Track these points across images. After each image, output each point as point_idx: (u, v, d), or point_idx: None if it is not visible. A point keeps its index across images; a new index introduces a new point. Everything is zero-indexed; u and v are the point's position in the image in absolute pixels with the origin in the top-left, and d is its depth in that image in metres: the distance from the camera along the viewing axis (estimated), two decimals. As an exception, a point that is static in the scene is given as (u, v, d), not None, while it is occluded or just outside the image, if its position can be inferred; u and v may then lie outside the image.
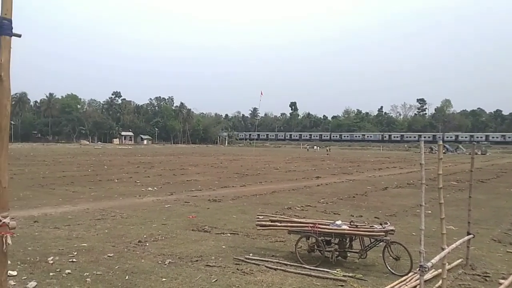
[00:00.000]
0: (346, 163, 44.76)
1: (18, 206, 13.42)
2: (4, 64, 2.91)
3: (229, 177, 26.72)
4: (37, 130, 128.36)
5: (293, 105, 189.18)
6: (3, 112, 2.93)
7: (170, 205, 14.91)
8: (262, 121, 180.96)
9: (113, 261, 7.99)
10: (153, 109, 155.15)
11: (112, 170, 29.54)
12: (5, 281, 3.01)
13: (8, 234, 2.89)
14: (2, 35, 2.91)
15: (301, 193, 19.33)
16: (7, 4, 2.93)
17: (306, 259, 8.29)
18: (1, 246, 2.91)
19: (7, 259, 2.98)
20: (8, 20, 2.92)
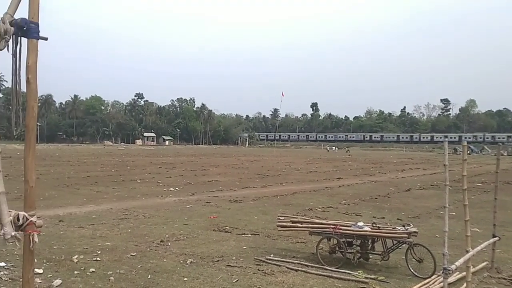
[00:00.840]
0: (368, 164, 44.30)
1: (44, 205, 13.71)
2: (31, 67, 2.99)
3: (250, 177, 26.76)
4: (62, 131, 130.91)
5: (314, 106, 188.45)
6: (31, 113, 3.01)
7: (191, 206, 15.02)
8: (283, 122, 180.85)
9: (136, 260, 8.10)
10: (174, 110, 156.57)
11: (135, 171, 29.92)
12: (32, 278, 3.09)
13: (35, 232, 2.97)
14: (29, 38, 2.99)
15: (322, 194, 19.22)
16: (34, 8, 3.00)
17: (328, 261, 8.24)
18: (28, 244, 2.99)
19: (34, 257, 3.05)
20: (35, 23, 2.99)
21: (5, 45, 2.97)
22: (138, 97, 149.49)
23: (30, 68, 2.99)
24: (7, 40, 2.96)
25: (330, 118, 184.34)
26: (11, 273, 7.05)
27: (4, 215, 2.88)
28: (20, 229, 2.94)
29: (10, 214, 2.91)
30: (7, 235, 2.85)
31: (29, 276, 3.05)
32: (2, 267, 7.36)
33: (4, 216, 2.88)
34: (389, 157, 64.58)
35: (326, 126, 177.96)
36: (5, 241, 2.88)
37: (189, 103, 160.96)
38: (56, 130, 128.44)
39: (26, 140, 3.02)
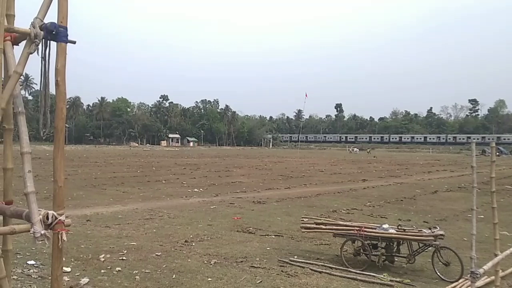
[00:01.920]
0: (393, 166, 43.69)
1: (72, 205, 14.01)
2: (60, 70, 3.06)
3: (273, 179, 26.74)
4: (89, 133, 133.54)
5: (338, 107, 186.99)
6: (60, 115, 3.08)
7: (215, 206, 15.11)
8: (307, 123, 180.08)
9: (161, 260, 8.20)
10: (199, 112, 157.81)
11: (160, 171, 30.29)
12: (61, 276, 3.16)
13: (63, 231, 3.03)
14: (58, 42, 3.06)
15: (346, 196, 19.05)
16: (62, 12, 3.08)
17: (352, 263, 8.17)
18: (56, 243, 3.06)
19: (62, 255, 3.12)
20: (64, 27, 3.06)
21: (35, 49, 3.05)
22: (163, 99, 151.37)
23: (59, 71, 3.06)
24: (37, 44, 3.04)
25: (354, 119, 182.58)
26: (40, 271, 7.24)
27: (34, 214, 2.96)
28: (49, 227, 3.01)
29: (40, 213, 2.98)
30: (37, 234, 2.92)
31: (57, 274, 3.12)
32: (32, 265, 7.55)
33: (34, 215, 2.96)
34: (415, 159, 63.54)
35: (351, 127, 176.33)
36: (35, 239, 2.96)
37: (213, 104, 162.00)
38: (84, 132, 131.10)
39: (55, 141, 3.09)
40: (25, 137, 3.07)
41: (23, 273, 7.05)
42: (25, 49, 3.04)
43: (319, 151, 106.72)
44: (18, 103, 3.17)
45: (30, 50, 3.02)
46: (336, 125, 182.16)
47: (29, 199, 3.00)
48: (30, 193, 3.00)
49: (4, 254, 3.31)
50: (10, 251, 3.52)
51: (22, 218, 3.09)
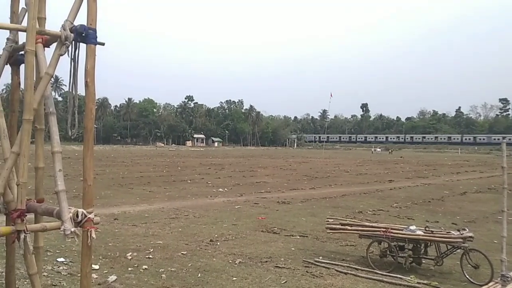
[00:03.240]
0: (421, 167, 42.91)
1: (100, 204, 14.28)
2: (90, 71, 3.14)
3: (298, 179, 26.64)
4: (117, 133, 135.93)
5: (364, 107, 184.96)
6: (89, 115, 3.16)
7: (240, 206, 15.15)
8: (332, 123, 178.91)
9: (186, 258, 8.27)
10: (223, 112, 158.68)
11: (185, 171, 30.57)
12: (90, 272, 3.23)
13: (92, 229, 3.11)
14: (88, 43, 3.13)
15: (372, 196, 18.82)
16: (92, 15, 3.15)
17: (378, 264, 8.07)
18: (86, 240, 3.13)
19: (91, 253, 3.20)
20: (93, 29, 3.14)
21: (66, 51, 3.13)
22: (189, 99, 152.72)
23: (89, 72, 3.13)
24: (67, 46, 3.12)
25: (381, 119, 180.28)
26: (69, 268, 7.40)
27: (65, 212, 3.04)
28: (79, 225, 3.09)
29: (70, 211, 3.06)
30: (67, 231, 3.00)
31: (87, 271, 3.19)
32: (62, 262, 7.73)
33: (65, 212, 3.04)
34: (443, 159, 62.27)
35: (377, 127, 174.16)
36: (65, 236, 3.04)
37: (238, 105, 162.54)
38: (111, 132, 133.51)
39: (85, 141, 3.17)
40: (56, 137, 3.16)
41: (53, 270, 7.21)
42: (56, 51, 3.13)
43: (344, 152, 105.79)
44: (49, 104, 3.26)
45: (61, 52, 3.10)
46: (362, 125, 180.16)
47: (60, 197, 3.09)
48: (60, 192, 3.09)
49: (35, 251, 3.40)
50: (41, 248, 3.63)
51: (53, 216, 3.18)
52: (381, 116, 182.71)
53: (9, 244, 3.61)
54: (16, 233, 2.94)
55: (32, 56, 2.97)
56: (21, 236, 2.93)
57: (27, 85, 2.95)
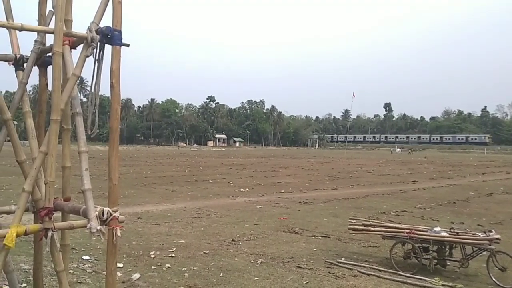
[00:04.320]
0: (445, 167, 42.13)
1: (124, 203, 14.48)
2: (115, 72, 3.18)
3: (320, 179, 26.50)
4: (140, 133, 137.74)
5: (387, 106, 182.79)
6: (114, 115, 3.21)
7: (261, 206, 15.15)
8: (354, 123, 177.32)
9: (209, 258, 8.32)
10: (245, 112, 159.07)
11: (207, 171, 30.75)
12: (115, 270, 3.28)
13: (117, 227, 3.15)
14: (113, 45, 3.18)
15: (396, 197, 18.57)
16: (117, 17, 3.20)
17: (402, 266, 7.95)
18: (111, 238, 3.18)
19: (116, 250, 3.24)
20: (118, 31, 3.18)
21: (92, 52, 3.19)
22: (210, 100, 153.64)
23: (114, 73, 3.18)
24: (93, 47, 3.17)
25: (404, 119, 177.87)
26: (94, 266, 7.53)
27: (91, 210, 3.09)
28: (105, 223, 3.14)
29: (96, 210, 3.12)
30: (93, 229, 3.06)
31: (112, 268, 3.25)
32: (87, 260, 7.87)
33: (91, 211, 3.09)
34: (469, 160, 60.99)
35: (400, 127, 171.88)
36: (91, 234, 3.09)
37: (259, 105, 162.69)
38: (135, 132, 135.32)
39: (110, 141, 3.22)
40: (82, 137, 3.22)
41: (78, 267, 7.35)
42: (82, 53, 3.19)
43: (367, 152, 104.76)
44: (75, 104, 3.32)
45: (87, 53, 3.16)
46: (384, 125, 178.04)
47: (86, 196, 3.14)
48: (87, 190, 3.15)
49: (62, 248, 3.47)
50: (67, 245, 3.71)
51: (79, 214, 3.24)
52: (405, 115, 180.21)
53: (37, 241, 3.69)
54: (44, 230, 3.00)
55: (59, 58, 3.04)
56: (49, 234, 3.00)
57: (55, 86, 3.01)
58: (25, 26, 3.07)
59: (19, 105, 3.54)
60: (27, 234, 3.01)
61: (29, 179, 3.03)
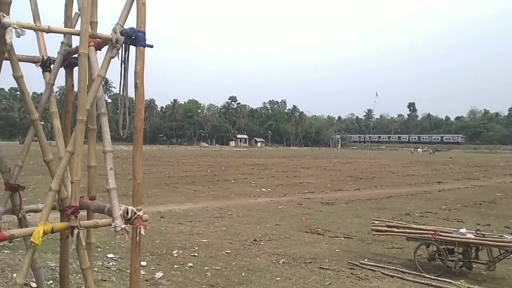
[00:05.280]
0: (471, 168, 41.27)
1: (147, 202, 14.65)
2: (139, 73, 3.22)
3: (342, 180, 26.30)
4: (163, 133, 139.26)
5: (411, 106, 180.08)
6: (138, 115, 3.24)
7: (283, 206, 15.13)
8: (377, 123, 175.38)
9: (231, 257, 8.35)
10: (266, 113, 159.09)
11: (229, 171, 30.87)
12: (139, 268, 3.32)
13: (141, 226, 3.19)
14: (137, 46, 3.22)
15: (420, 198, 18.29)
16: (141, 18, 3.23)
17: (426, 268, 7.82)
18: (135, 237, 3.22)
19: (140, 249, 3.28)
20: (142, 32, 3.22)
21: (116, 53, 3.23)
22: (232, 100, 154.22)
23: (138, 74, 3.21)
24: (118, 48, 3.22)
25: (429, 119, 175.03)
26: (118, 264, 7.64)
27: (115, 209, 3.13)
28: (129, 222, 3.18)
29: (120, 208, 3.16)
30: (117, 228, 3.09)
31: (136, 267, 3.28)
32: (111, 258, 7.99)
33: (115, 210, 3.13)
34: (495, 160, 59.57)
35: (425, 127, 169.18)
36: (115, 233, 3.13)
37: (281, 105, 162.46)
38: (158, 133, 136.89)
39: (134, 141, 3.25)
40: (107, 137, 3.26)
41: (103, 265, 7.47)
42: (107, 54, 3.23)
43: (390, 152, 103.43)
44: (101, 105, 3.37)
45: (112, 54, 3.20)
46: (408, 125, 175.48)
47: (111, 195, 3.19)
48: (111, 189, 3.19)
49: (87, 246, 3.53)
50: (92, 243, 3.76)
51: (104, 213, 3.29)
52: (429, 115, 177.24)
53: (63, 239, 3.76)
54: (70, 229, 3.06)
55: (85, 59, 3.09)
56: (75, 232, 3.05)
57: (81, 87, 3.06)
58: (52, 28, 3.13)
59: (46, 105, 3.62)
60: (54, 232, 3.06)
61: (56, 178, 3.09)
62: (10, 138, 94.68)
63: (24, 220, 3.53)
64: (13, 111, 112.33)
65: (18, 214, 3.51)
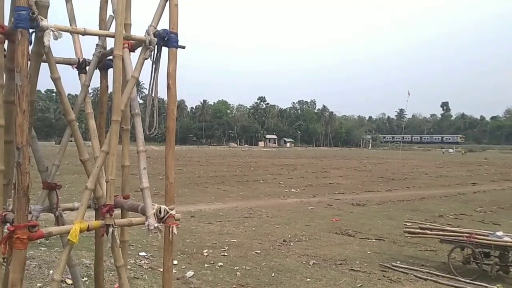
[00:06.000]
0: (507, 169, 39.92)
1: (178, 202, 14.61)
2: (172, 73, 3.26)
3: (373, 181, 25.92)
4: (192, 134, 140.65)
5: (444, 105, 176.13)
6: (171, 116, 3.29)
7: (313, 207, 15.03)
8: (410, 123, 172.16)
9: (260, 257, 8.35)
10: (295, 113, 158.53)
11: (258, 171, 30.90)
12: (171, 267, 3.36)
13: (174, 225, 3.23)
14: (170, 47, 3.26)
15: (454, 200, 17.84)
16: (173, 20, 3.27)
17: (461, 271, 7.62)
18: (168, 236, 3.26)
19: (173, 248, 3.32)
20: (175, 33, 3.26)
21: (150, 55, 3.28)
22: (261, 100, 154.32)
23: (171, 75, 3.26)
24: (151, 50, 3.27)
25: (463, 119, 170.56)
26: (150, 262, 7.76)
27: (149, 208, 3.18)
28: (162, 221, 3.23)
29: (153, 207, 3.20)
30: (151, 226, 3.14)
31: (168, 265, 3.32)
32: (143, 256, 8.13)
33: (149, 208, 3.18)
34: (534, 161, 57.43)
35: (459, 127, 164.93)
36: (148, 231, 3.18)
37: (310, 105, 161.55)
38: (188, 133, 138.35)
39: (167, 141, 3.30)
40: (141, 137, 3.32)
41: (135, 263, 7.60)
42: (140, 55, 3.29)
43: (422, 153, 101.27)
44: (134, 106, 3.44)
45: (145, 56, 3.25)
46: (442, 124, 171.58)
47: (144, 194, 3.24)
48: (145, 189, 3.24)
49: (121, 244, 3.59)
50: (126, 242, 3.83)
51: (137, 212, 3.34)
52: (463, 115, 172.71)
53: (98, 237, 3.85)
54: (105, 227, 3.12)
55: (120, 61, 3.15)
56: (110, 230, 3.11)
57: (116, 88, 3.12)
58: (88, 31, 3.20)
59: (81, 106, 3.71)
60: (90, 230, 3.13)
61: (92, 177, 3.16)
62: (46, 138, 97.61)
63: (61, 218, 3.63)
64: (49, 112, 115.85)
65: (55, 212, 3.61)
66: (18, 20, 2.69)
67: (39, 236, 2.84)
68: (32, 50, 3.06)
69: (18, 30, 2.70)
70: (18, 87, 2.66)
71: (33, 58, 3.10)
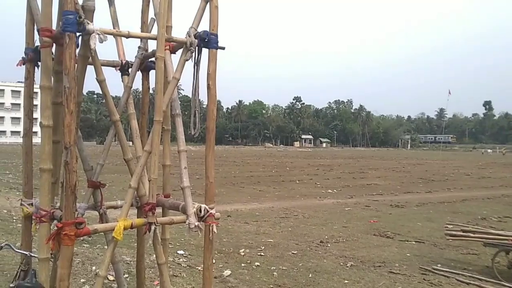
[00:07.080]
0: (556, 171, 38.14)
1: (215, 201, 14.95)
2: (212, 74, 3.31)
3: (412, 182, 25.33)
4: (228, 134, 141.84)
5: (487, 104, 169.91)
6: (211, 116, 3.33)
7: (350, 208, 14.85)
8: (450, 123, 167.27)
9: (297, 258, 8.32)
10: (331, 113, 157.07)
11: (294, 172, 30.79)
12: (211, 265, 3.41)
13: (214, 223, 3.27)
14: (210, 48, 3.31)
15: (498, 202, 17.19)
16: (213, 21, 3.32)
17: (506, 276, 7.33)
18: (208, 234, 3.31)
19: (213, 246, 3.37)
20: (215, 35, 3.30)
21: (191, 56, 3.34)
22: (296, 100, 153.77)
23: (211, 76, 3.31)
24: (192, 51, 3.32)
25: (506, 118, 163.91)
26: (188, 261, 7.87)
27: (189, 207, 3.24)
28: (202, 220, 3.28)
29: (194, 206, 3.26)
30: (191, 225, 3.20)
31: (208, 264, 3.37)
32: (181, 254, 8.25)
33: (189, 207, 3.24)
34: None
35: (502, 127, 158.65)
36: (189, 230, 3.24)
37: (347, 105, 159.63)
38: (223, 133, 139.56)
39: (207, 141, 3.35)
40: (181, 137, 3.38)
41: (174, 261, 7.72)
42: (182, 57, 3.35)
43: (464, 153, 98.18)
44: (175, 106, 3.51)
45: (186, 57, 3.31)
46: (484, 124, 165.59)
47: (185, 193, 3.30)
48: (186, 188, 3.30)
49: (163, 242, 3.68)
50: (167, 240, 3.91)
51: (178, 210, 3.41)
52: (507, 114, 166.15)
53: (141, 235, 3.95)
54: (147, 225, 3.20)
55: (162, 62, 3.22)
56: (152, 228, 3.19)
57: (158, 89, 3.20)
58: (131, 33, 3.29)
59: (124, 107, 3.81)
60: (133, 227, 3.22)
61: (135, 176, 3.25)
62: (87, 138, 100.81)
63: (105, 216, 3.74)
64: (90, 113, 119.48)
65: (99, 210, 3.73)
66: (66, 24, 2.78)
67: (86, 233, 2.94)
68: (79, 53, 3.16)
69: (66, 34, 2.78)
70: (66, 89, 2.76)
71: (79, 61, 3.21)
